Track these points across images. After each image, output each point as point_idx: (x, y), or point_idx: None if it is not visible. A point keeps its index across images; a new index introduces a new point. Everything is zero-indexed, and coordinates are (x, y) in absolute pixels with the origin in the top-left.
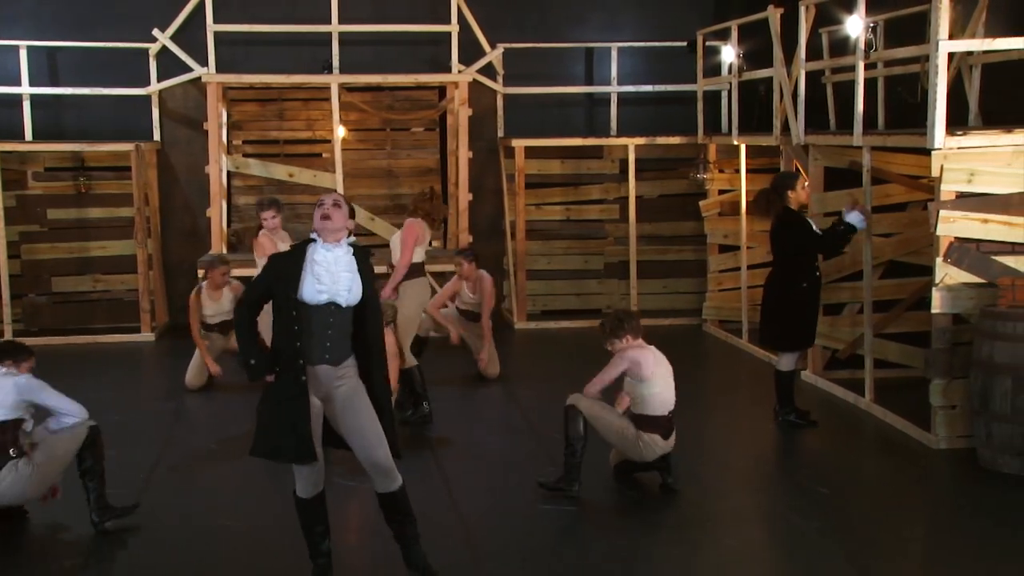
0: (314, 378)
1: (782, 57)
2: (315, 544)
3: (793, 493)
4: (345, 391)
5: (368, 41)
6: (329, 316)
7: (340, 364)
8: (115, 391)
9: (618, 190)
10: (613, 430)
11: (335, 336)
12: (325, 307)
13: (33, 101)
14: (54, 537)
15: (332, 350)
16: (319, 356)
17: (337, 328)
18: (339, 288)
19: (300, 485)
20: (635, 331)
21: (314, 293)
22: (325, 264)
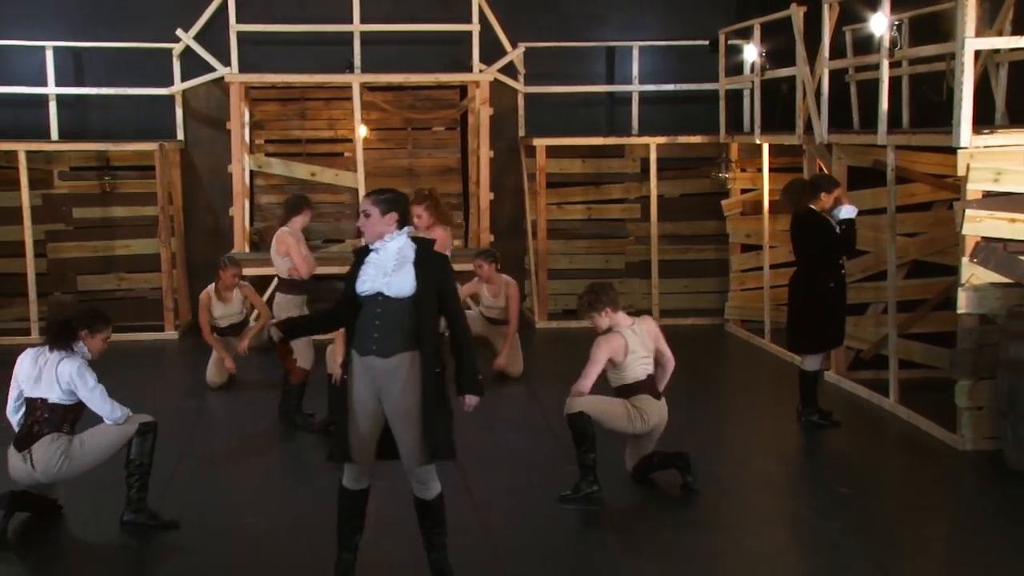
0: (366, 370)
1: (805, 55)
2: (346, 538)
3: (815, 494)
4: (400, 394)
5: (389, 41)
6: (376, 307)
7: (390, 357)
8: (138, 389)
9: (639, 189)
10: (616, 413)
11: (383, 327)
12: (373, 298)
13: (59, 101)
14: (80, 532)
15: (380, 341)
16: (367, 347)
17: (385, 319)
18: (378, 279)
19: (346, 475)
20: (613, 303)
21: (360, 284)
22: (374, 259)
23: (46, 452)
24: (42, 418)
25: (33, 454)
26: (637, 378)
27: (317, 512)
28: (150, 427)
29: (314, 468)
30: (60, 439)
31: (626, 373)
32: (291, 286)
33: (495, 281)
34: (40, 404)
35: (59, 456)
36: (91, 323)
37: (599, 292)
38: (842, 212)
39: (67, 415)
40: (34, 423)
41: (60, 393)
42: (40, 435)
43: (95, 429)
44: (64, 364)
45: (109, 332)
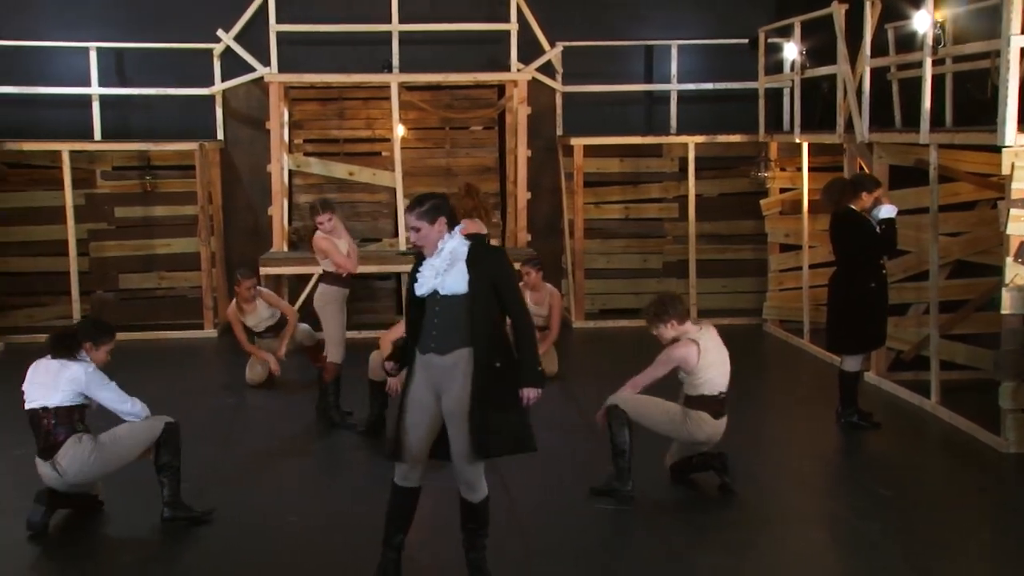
0: (426, 368)
1: (846, 53)
2: (391, 535)
3: (855, 495)
4: (448, 404)
5: (427, 40)
6: (435, 306)
7: (447, 354)
8: (178, 387)
9: (677, 188)
10: (661, 417)
11: (441, 325)
12: (431, 298)
13: (102, 101)
14: (121, 528)
15: (438, 339)
16: (427, 345)
17: (443, 317)
18: (430, 279)
19: (397, 472)
20: (680, 315)
21: (418, 286)
22: (429, 261)
23: (75, 455)
24: (51, 425)
25: (60, 462)
26: (711, 392)
27: (355, 510)
28: (173, 428)
29: (352, 466)
30: (84, 439)
31: (701, 380)
32: (335, 279)
33: (540, 289)
34: (43, 413)
35: (89, 455)
36: (95, 336)
37: (666, 303)
38: (882, 212)
39: (72, 414)
40: (47, 433)
41: (62, 397)
42: (60, 442)
43: (122, 427)
44: (73, 368)
45: (112, 344)
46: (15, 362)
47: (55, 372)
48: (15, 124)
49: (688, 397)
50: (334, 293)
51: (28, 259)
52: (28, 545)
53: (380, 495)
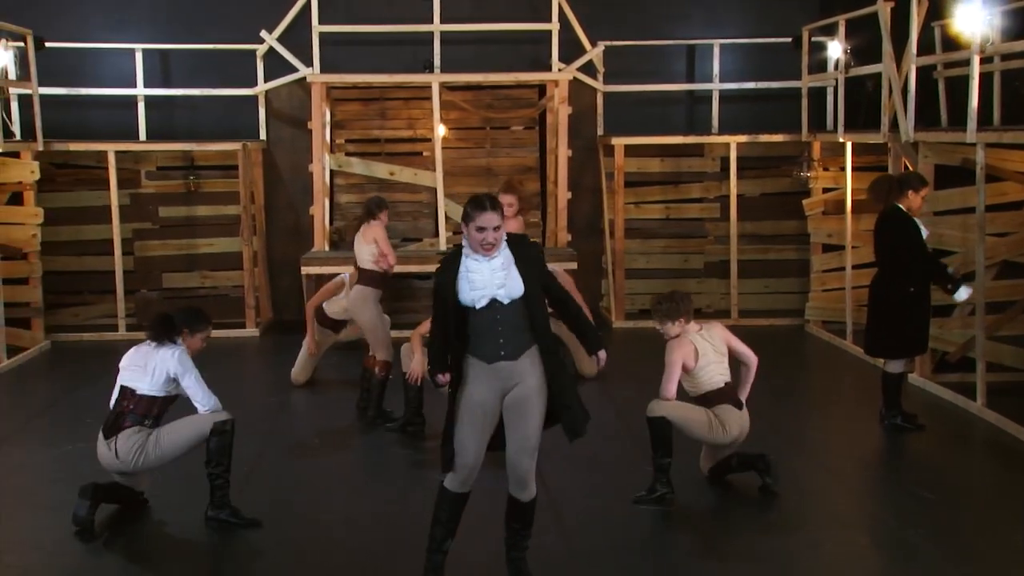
0: (491, 376)
1: (892, 52)
2: (438, 540)
3: (898, 498)
4: (522, 391)
5: (469, 40)
6: (496, 314)
7: (519, 358)
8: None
9: (719, 188)
10: (698, 423)
11: (506, 332)
12: (487, 308)
13: (147, 102)
14: (164, 525)
15: (506, 346)
16: (494, 353)
17: (507, 324)
18: (492, 288)
19: (452, 477)
20: (688, 314)
21: (472, 297)
22: (477, 269)
23: (125, 444)
24: (128, 409)
25: (117, 443)
26: (714, 386)
27: (397, 510)
28: (227, 426)
29: (394, 466)
30: (140, 433)
31: (701, 380)
32: (372, 278)
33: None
34: (129, 395)
35: (136, 449)
36: (192, 323)
37: (678, 302)
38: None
39: (151, 408)
40: (120, 413)
41: (151, 384)
42: (124, 426)
43: (173, 425)
44: (165, 350)
45: (208, 333)
46: (61, 360)
47: (146, 355)
48: (62, 125)
49: (699, 398)
50: (371, 295)
51: (74, 258)
52: (73, 540)
53: (422, 495)
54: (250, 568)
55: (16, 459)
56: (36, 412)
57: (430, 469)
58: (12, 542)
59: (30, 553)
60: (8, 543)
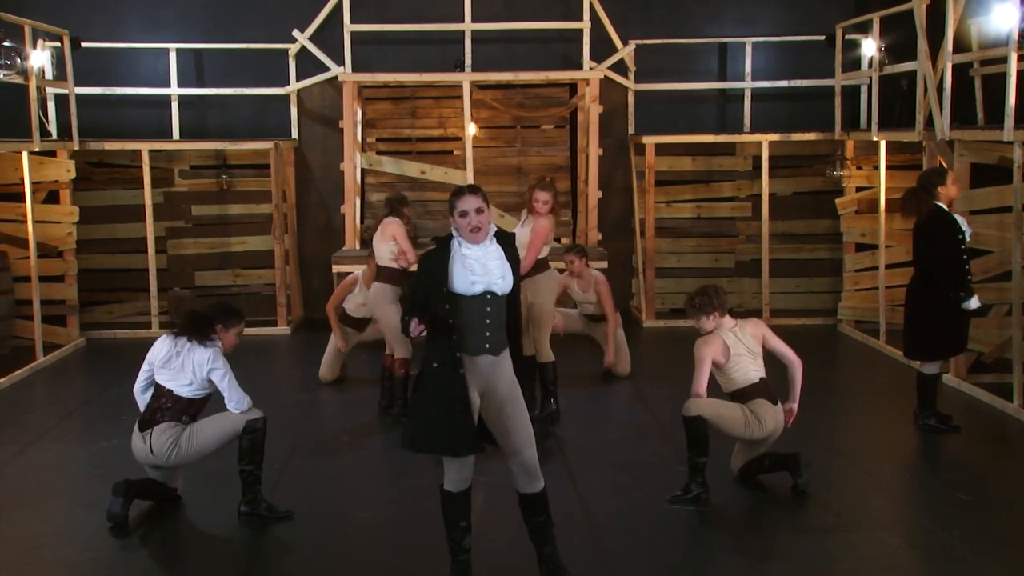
0: (475, 370)
1: (927, 50)
2: (457, 540)
3: (933, 499)
4: (507, 387)
5: (499, 39)
6: (486, 306)
7: (500, 353)
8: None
9: (750, 187)
10: (735, 421)
11: (493, 326)
12: (480, 297)
13: (180, 101)
14: (198, 521)
15: (492, 340)
16: (479, 346)
17: (494, 317)
18: (492, 277)
19: (449, 479)
20: (722, 308)
21: (468, 285)
22: (475, 256)
23: (160, 438)
24: (165, 406)
25: (152, 437)
26: (749, 381)
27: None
28: (259, 423)
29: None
30: (175, 428)
31: (734, 376)
32: (391, 275)
33: (585, 276)
34: (166, 393)
35: (170, 444)
36: (226, 318)
37: (711, 295)
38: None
39: (188, 408)
40: (157, 409)
41: (187, 384)
42: (160, 421)
43: (206, 421)
44: (200, 351)
45: (242, 327)
46: (95, 357)
47: (182, 355)
48: (98, 124)
49: (733, 394)
50: (390, 292)
51: (108, 256)
52: (108, 536)
53: None
54: (281, 564)
55: (52, 455)
56: (72, 409)
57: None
58: (49, 536)
59: (67, 548)
60: (45, 538)
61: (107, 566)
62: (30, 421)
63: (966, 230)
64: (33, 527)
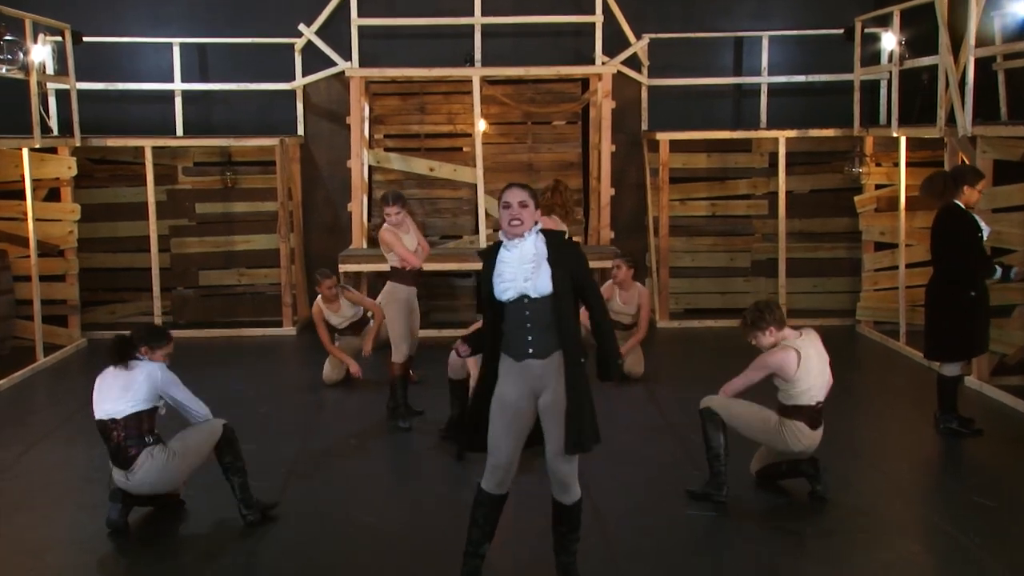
0: (520, 373)
1: (949, 43)
2: (476, 543)
3: (955, 505)
4: (553, 395)
5: (510, 33)
6: (524, 310)
7: (548, 357)
8: (258, 384)
9: (767, 185)
10: (755, 423)
11: (536, 329)
12: (518, 301)
13: (184, 97)
14: (201, 525)
15: (535, 343)
16: (523, 351)
17: (536, 321)
18: (520, 282)
19: (488, 478)
20: (779, 322)
21: (500, 291)
22: (508, 260)
23: (150, 470)
24: (121, 438)
25: (136, 474)
26: (809, 402)
27: (432, 512)
28: (229, 429)
29: (428, 467)
30: (155, 452)
31: (798, 390)
32: (402, 276)
33: (630, 287)
34: (111, 425)
35: (163, 468)
36: (151, 340)
37: (763, 310)
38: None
39: (141, 423)
40: (117, 447)
41: (132, 401)
42: (133, 456)
43: (185, 434)
44: (146, 367)
45: (170, 348)
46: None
47: (126, 377)
48: (100, 120)
49: (784, 406)
50: (399, 292)
51: (111, 255)
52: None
53: (456, 497)
54: (285, 569)
55: (54, 457)
56: (73, 410)
57: (470, 472)
58: (51, 540)
59: (68, 552)
60: (47, 542)
61: (110, 571)
62: (31, 423)
63: (984, 228)
64: (35, 530)
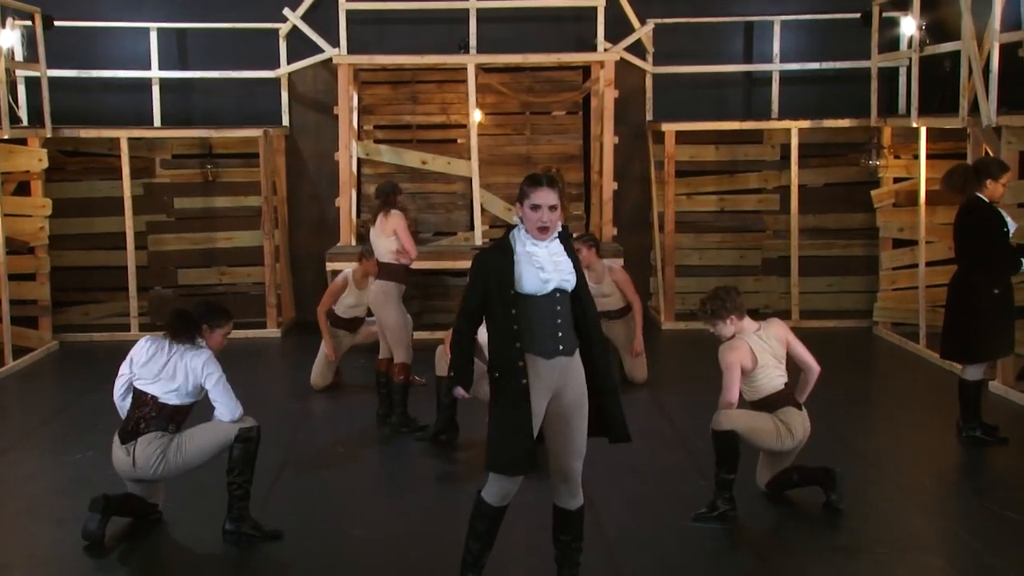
0: (545, 374)
1: (972, 28)
2: (476, 554)
3: (978, 518)
4: (576, 391)
5: (507, 18)
6: (556, 304)
7: (574, 353)
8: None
9: (778, 178)
10: (766, 432)
11: (564, 325)
12: (550, 296)
13: (162, 85)
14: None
15: (564, 340)
16: (552, 348)
17: (564, 316)
18: (563, 274)
19: (494, 490)
20: (739, 310)
21: (539, 283)
22: (538, 253)
23: (146, 450)
24: (149, 415)
25: (136, 448)
26: (775, 388)
27: (426, 524)
28: (253, 432)
29: (420, 477)
30: (162, 438)
31: (759, 384)
32: (394, 273)
33: (596, 268)
34: (150, 401)
35: (157, 456)
36: (212, 318)
37: (724, 298)
38: None
39: (175, 415)
40: (140, 418)
41: (174, 391)
42: (144, 431)
43: (196, 430)
44: (194, 358)
45: (230, 328)
46: (70, 362)
47: (173, 363)
48: (72, 110)
49: (757, 403)
50: (393, 290)
51: (84, 253)
52: (83, 555)
53: (451, 508)
54: None
55: (23, 468)
56: (44, 418)
57: (463, 481)
58: (19, 557)
59: (38, 569)
60: (15, 558)
61: None
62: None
63: (1011, 224)
64: (1, 545)
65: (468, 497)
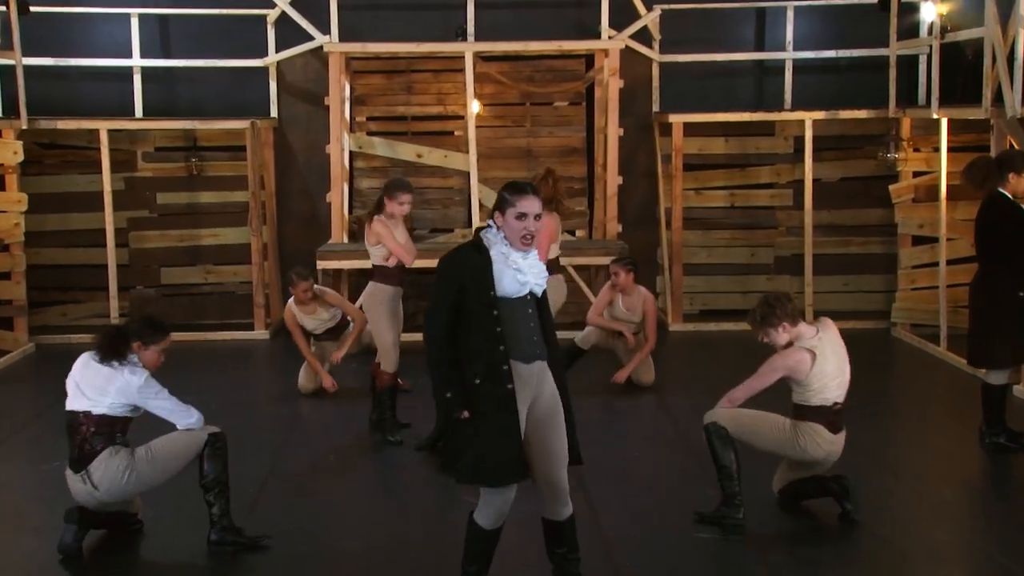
0: (526, 379)
1: (996, 13)
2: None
3: (1004, 530)
4: (552, 397)
5: (506, 4)
6: (528, 307)
7: (547, 359)
8: (227, 393)
9: (792, 172)
10: (767, 432)
11: (537, 329)
12: (524, 299)
13: (144, 74)
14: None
15: (539, 344)
16: (531, 352)
17: (536, 320)
18: (537, 276)
19: (487, 512)
20: (792, 317)
21: (517, 285)
22: (516, 255)
23: (108, 469)
24: (89, 433)
25: (92, 475)
26: (824, 403)
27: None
28: (219, 439)
29: (414, 485)
30: (120, 452)
31: (811, 393)
32: (387, 275)
33: (631, 292)
34: (84, 418)
35: (124, 471)
36: (144, 334)
37: (774, 305)
38: None
39: (116, 425)
40: (83, 440)
41: (108, 405)
42: (94, 452)
43: (164, 438)
44: (124, 376)
45: (167, 343)
46: (47, 365)
47: (105, 377)
48: (49, 100)
49: (797, 407)
50: (384, 293)
51: (62, 250)
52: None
53: (446, 517)
54: None
55: None
56: (20, 423)
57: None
58: None
59: None
60: None
61: None
62: None
63: None
64: None
65: (465, 506)
